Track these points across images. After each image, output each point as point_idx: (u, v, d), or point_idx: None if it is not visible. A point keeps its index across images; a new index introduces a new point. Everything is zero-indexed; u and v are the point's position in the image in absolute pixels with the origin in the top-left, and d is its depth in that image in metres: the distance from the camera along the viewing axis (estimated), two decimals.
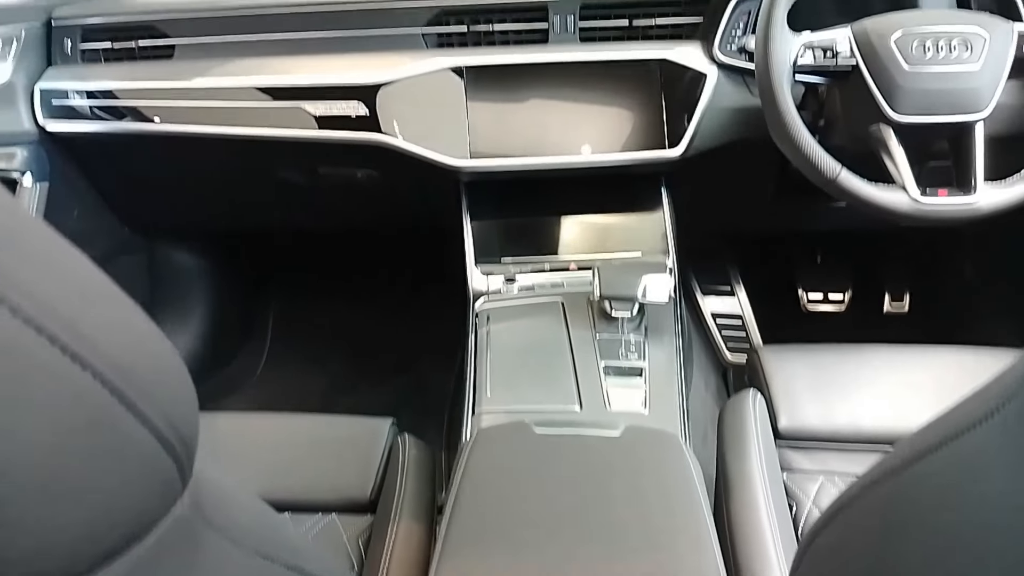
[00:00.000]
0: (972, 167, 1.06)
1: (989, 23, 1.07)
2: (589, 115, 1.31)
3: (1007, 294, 1.69)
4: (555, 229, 1.39)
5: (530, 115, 1.31)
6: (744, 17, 1.30)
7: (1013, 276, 1.65)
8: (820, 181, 1.09)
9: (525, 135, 1.30)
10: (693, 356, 1.73)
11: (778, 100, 1.08)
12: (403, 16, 1.33)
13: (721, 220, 1.70)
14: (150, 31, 1.34)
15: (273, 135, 1.30)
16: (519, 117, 1.31)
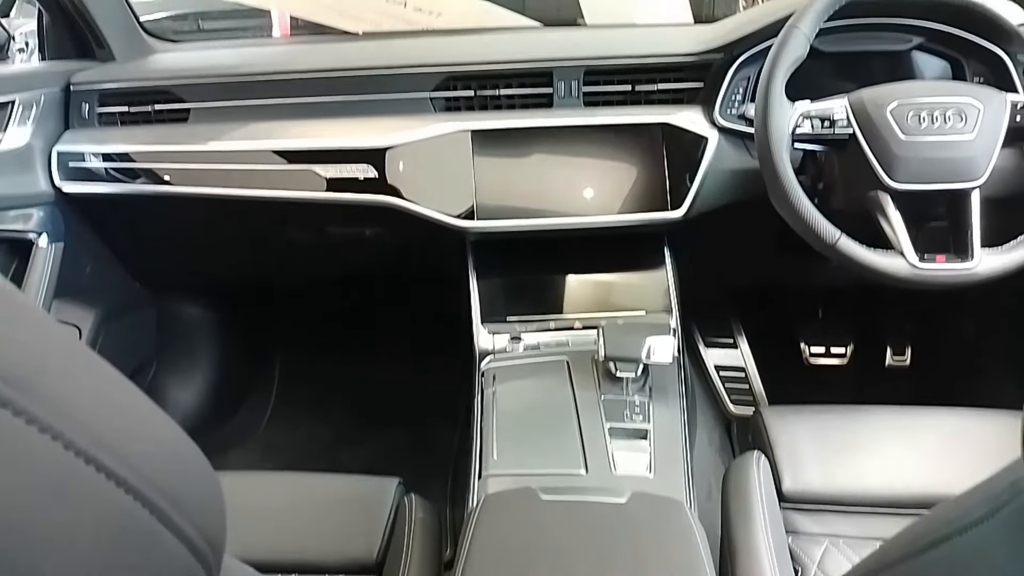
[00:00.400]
0: (969, 233, 1.08)
1: (982, 94, 1.11)
2: (594, 177, 1.34)
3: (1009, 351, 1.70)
4: (560, 287, 1.41)
5: (536, 177, 1.34)
6: (743, 83, 1.34)
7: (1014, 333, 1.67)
8: (819, 246, 1.11)
9: (531, 196, 1.33)
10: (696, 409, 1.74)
11: (778, 168, 1.10)
12: (412, 81, 1.36)
13: (723, 275, 1.72)
14: (166, 95, 1.37)
15: (284, 196, 1.33)
16: (525, 178, 1.34)
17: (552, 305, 1.36)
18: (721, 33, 1.36)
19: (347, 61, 1.39)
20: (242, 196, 1.33)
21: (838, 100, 1.14)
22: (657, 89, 1.36)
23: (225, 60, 1.46)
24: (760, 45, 1.31)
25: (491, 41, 1.54)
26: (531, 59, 1.36)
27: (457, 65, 1.36)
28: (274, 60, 1.45)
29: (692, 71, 1.35)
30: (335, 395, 1.92)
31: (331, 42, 1.64)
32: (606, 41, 1.48)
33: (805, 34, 1.11)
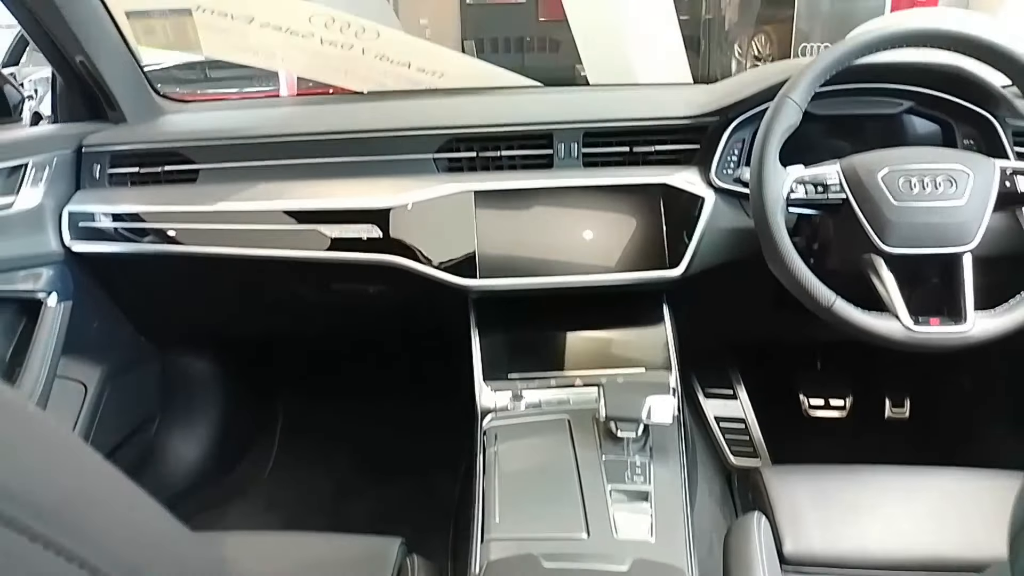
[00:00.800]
0: (962, 296, 1.10)
1: (972, 160, 1.14)
2: (593, 236, 1.37)
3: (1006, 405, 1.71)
4: (561, 343, 1.42)
5: (537, 236, 1.36)
6: (739, 144, 1.38)
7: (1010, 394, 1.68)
8: (815, 309, 1.13)
9: (532, 255, 1.35)
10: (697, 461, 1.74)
11: (773, 233, 1.13)
12: (415, 143, 1.40)
13: (722, 330, 1.74)
14: (176, 157, 1.41)
15: (290, 256, 1.35)
16: (526, 238, 1.36)
17: (553, 362, 1.38)
18: (716, 96, 1.39)
19: (352, 123, 1.43)
20: (249, 256, 1.36)
21: (831, 166, 1.17)
22: (655, 150, 1.40)
23: (233, 122, 1.50)
24: (754, 109, 1.35)
25: (492, 103, 1.58)
26: (531, 122, 1.40)
27: (459, 128, 1.40)
28: (281, 122, 1.48)
29: (688, 133, 1.39)
30: (337, 447, 1.93)
31: (337, 102, 1.68)
32: (604, 103, 1.52)
33: (797, 103, 1.15)
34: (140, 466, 1.66)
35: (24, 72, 6.16)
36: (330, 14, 1.51)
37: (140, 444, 1.62)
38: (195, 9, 1.41)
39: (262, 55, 1.57)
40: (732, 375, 1.89)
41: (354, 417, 1.97)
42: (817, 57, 1.16)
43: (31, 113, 5.17)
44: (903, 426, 1.82)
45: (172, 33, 1.44)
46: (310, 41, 1.55)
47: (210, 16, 1.44)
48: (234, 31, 1.49)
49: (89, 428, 1.41)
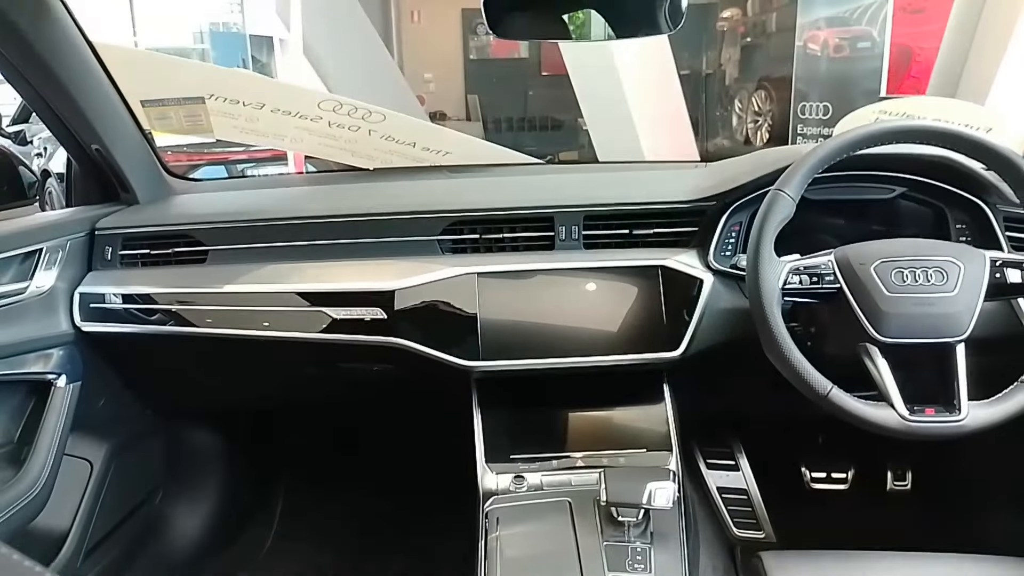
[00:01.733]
0: (956, 386, 1.12)
1: (962, 253, 1.17)
2: (594, 317, 1.39)
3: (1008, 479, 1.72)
4: (563, 423, 1.44)
5: (539, 317, 1.39)
6: (736, 227, 1.41)
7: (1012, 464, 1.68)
8: (812, 397, 1.15)
9: (534, 336, 1.37)
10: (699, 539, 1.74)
11: (769, 323, 1.15)
12: (420, 225, 1.44)
13: (723, 405, 1.75)
14: (186, 239, 1.44)
15: (296, 337, 1.38)
16: (528, 319, 1.39)
17: (555, 442, 1.39)
18: (714, 181, 1.43)
19: (359, 205, 1.46)
20: (256, 336, 1.38)
21: (825, 256, 1.20)
22: (654, 233, 1.43)
23: (241, 204, 1.54)
24: (751, 194, 1.38)
25: (496, 184, 1.62)
26: (533, 206, 1.44)
27: (463, 211, 1.43)
28: (287, 204, 1.52)
29: (687, 217, 1.42)
30: (338, 522, 1.93)
31: (344, 180, 1.72)
32: (604, 185, 1.55)
33: (791, 197, 1.18)
34: (143, 539, 1.67)
35: (33, 130, 6.29)
36: (338, 100, 1.56)
37: (144, 517, 1.63)
38: (208, 97, 1.46)
39: (272, 137, 1.62)
40: (734, 445, 1.89)
41: (356, 492, 1.97)
42: (810, 153, 1.20)
43: (40, 171, 5.27)
44: (905, 498, 1.82)
45: (185, 119, 1.49)
46: (318, 124, 1.60)
47: (223, 103, 1.49)
48: (244, 115, 1.54)
49: (94, 506, 1.42)
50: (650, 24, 1.16)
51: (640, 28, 1.17)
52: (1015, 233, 1.37)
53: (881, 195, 1.41)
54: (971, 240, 1.39)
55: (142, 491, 1.63)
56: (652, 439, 1.39)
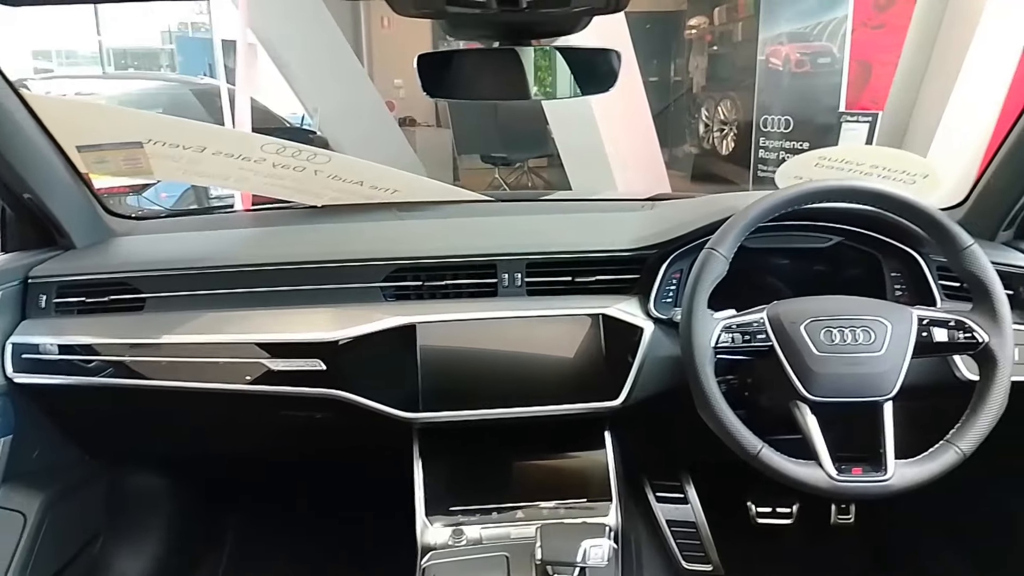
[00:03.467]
0: (883, 445, 1.13)
1: (890, 312, 1.18)
2: (536, 365, 1.40)
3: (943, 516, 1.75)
4: (503, 473, 1.44)
5: (480, 366, 1.39)
6: (677, 275, 1.42)
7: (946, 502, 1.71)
8: (743, 456, 1.17)
9: (475, 386, 1.37)
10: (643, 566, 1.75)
11: (702, 381, 1.16)
12: (363, 272, 1.43)
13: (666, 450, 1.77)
14: (123, 286, 1.42)
15: (234, 390, 1.36)
16: (470, 368, 1.39)
17: (495, 493, 1.39)
18: (657, 230, 1.44)
19: (301, 252, 1.45)
20: (195, 388, 1.36)
21: (758, 314, 1.21)
22: (595, 280, 1.44)
23: (182, 249, 1.51)
24: (691, 244, 1.39)
25: (441, 227, 1.62)
26: (476, 253, 1.43)
27: (406, 259, 1.43)
28: (230, 249, 1.50)
29: (628, 264, 1.43)
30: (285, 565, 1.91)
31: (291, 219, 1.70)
32: (549, 230, 1.56)
33: (724, 256, 1.19)
34: None
35: None
36: (281, 143, 1.54)
37: (84, 566, 1.60)
38: (146, 142, 1.44)
39: (216, 178, 1.61)
40: (683, 478, 1.91)
41: (301, 536, 1.95)
42: (744, 211, 1.21)
43: None
44: (849, 531, 1.84)
45: (123, 162, 1.47)
46: (262, 165, 1.58)
47: (162, 147, 1.47)
48: (186, 158, 1.52)
49: (28, 559, 1.39)
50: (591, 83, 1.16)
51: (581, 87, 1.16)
52: (948, 282, 1.40)
53: (818, 244, 1.43)
54: (905, 288, 1.42)
55: (81, 539, 1.60)
56: (593, 489, 1.40)
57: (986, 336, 1.15)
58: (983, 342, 1.15)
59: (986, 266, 1.17)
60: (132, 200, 3.86)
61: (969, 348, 1.17)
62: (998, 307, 1.15)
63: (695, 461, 1.90)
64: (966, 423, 1.14)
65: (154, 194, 4.06)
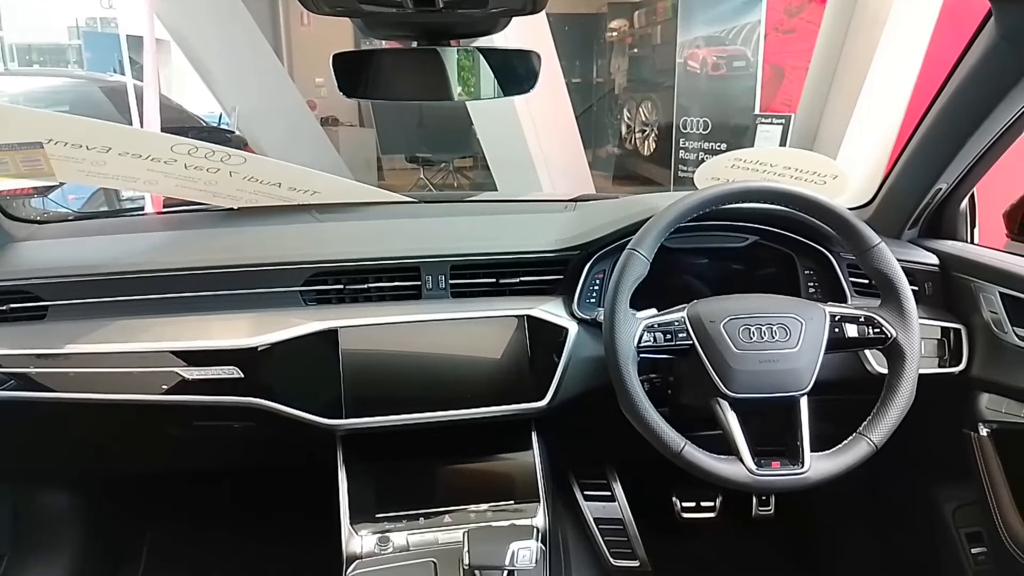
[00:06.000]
0: (799, 438, 1.17)
1: (804, 309, 1.22)
2: (461, 368, 1.38)
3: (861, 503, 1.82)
4: (430, 477, 1.42)
5: (404, 371, 1.37)
6: (600, 275, 1.43)
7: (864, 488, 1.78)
8: (666, 454, 1.18)
9: (400, 391, 1.35)
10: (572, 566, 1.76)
11: (625, 381, 1.17)
12: (281, 276, 1.39)
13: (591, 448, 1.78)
14: (22, 294, 1.34)
15: (146, 400, 1.31)
16: (394, 373, 1.37)
17: (422, 497, 1.37)
18: (579, 231, 1.45)
19: (216, 257, 1.40)
20: (102, 400, 1.30)
21: (678, 313, 1.23)
22: (520, 281, 1.43)
23: (87, 254, 1.43)
24: (612, 244, 1.41)
25: (362, 229, 1.59)
26: (399, 256, 1.41)
27: (326, 261, 1.39)
28: (138, 253, 1.43)
29: (552, 266, 1.44)
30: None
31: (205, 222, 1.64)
32: (473, 232, 1.55)
33: (644, 256, 1.21)
34: None
35: None
36: (193, 143, 1.48)
37: None
38: (46, 142, 1.36)
39: (123, 180, 1.53)
40: (610, 476, 1.93)
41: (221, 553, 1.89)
42: (662, 213, 1.23)
43: None
44: (769, 523, 1.89)
45: (22, 164, 1.38)
46: (173, 166, 1.52)
47: (63, 148, 1.39)
48: (89, 159, 1.44)
49: None
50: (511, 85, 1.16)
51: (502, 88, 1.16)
52: (858, 279, 1.45)
53: (735, 243, 1.47)
54: (818, 285, 1.47)
55: None
56: (520, 490, 1.40)
57: (894, 331, 1.20)
58: (891, 337, 1.20)
59: (892, 264, 1.22)
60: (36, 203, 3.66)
61: (878, 343, 1.22)
62: (905, 303, 1.20)
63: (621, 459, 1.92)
64: (877, 415, 1.19)
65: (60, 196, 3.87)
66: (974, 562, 1.52)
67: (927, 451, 1.51)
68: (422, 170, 7.86)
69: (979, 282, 1.39)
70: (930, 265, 1.48)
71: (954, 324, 1.43)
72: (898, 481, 1.69)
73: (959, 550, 1.55)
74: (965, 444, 1.47)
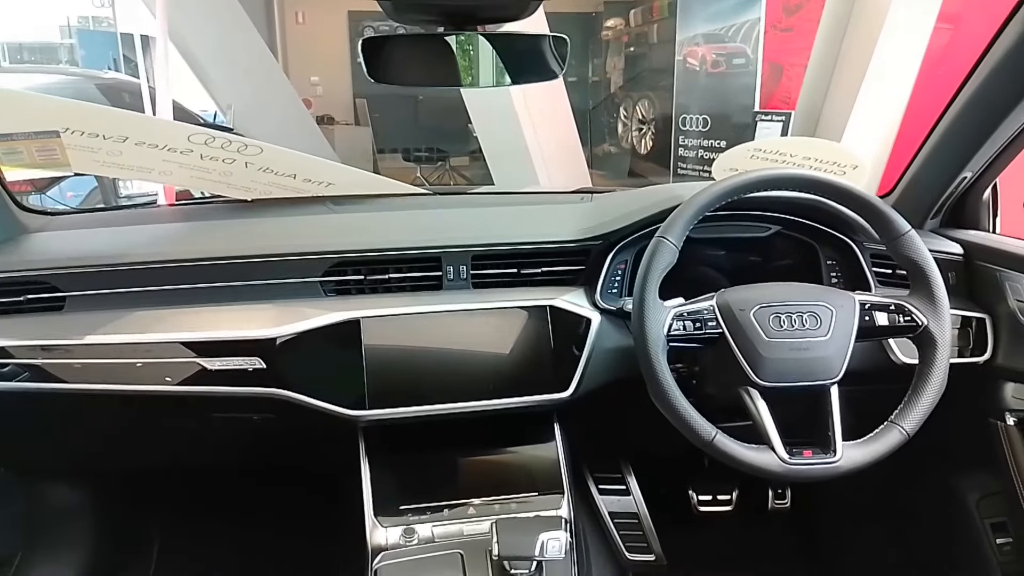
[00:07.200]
0: (831, 427, 1.16)
1: (834, 297, 1.21)
2: (483, 359, 1.37)
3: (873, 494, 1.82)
4: (453, 469, 1.41)
5: (427, 361, 1.36)
6: (622, 266, 1.42)
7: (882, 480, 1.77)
8: (697, 443, 1.17)
9: (422, 382, 1.34)
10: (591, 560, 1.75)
11: (656, 369, 1.16)
12: (301, 266, 1.37)
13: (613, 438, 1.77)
14: (40, 285, 1.32)
15: (168, 391, 1.29)
16: (416, 364, 1.35)
17: (445, 490, 1.36)
18: (600, 221, 1.44)
19: (235, 246, 1.38)
20: (122, 391, 1.28)
21: (707, 301, 1.22)
22: (542, 271, 1.42)
23: (102, 244, 1.41)
24: (635, 234, 1.40)
25: (381, 220, 1.57)
26: (420, 246, 1.40)
27: (347, 252, 1.38)
28: (156, 244, 1.41)
29: (574, 255, 1.43)
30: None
31: (219, 215, 1.63)
32: (493, 222, 1.54)
33: (673, 244, 1.20)
34: None
35: None
36: (210, 133, 1.47)
37: None
38: (63, 131, 1.35)
39: (138, 170, 1.51)
40: (625, 470, 1.92)
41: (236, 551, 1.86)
42: (691, 200, 1.22)
43: None
44: (785, 516, 1.89)
45: (38, 153, 1.37)
46: (189, 156, 1.50)
47: (80, 137, 1.37)
48: (106, 149, 1.43)
49: None
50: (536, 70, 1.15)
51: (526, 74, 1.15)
52: (881, 269, 1.45)
53: (759, 233, 1.46)
54: (841, 275, 1.46)
55: None
56: (544, 481, 1.38)
57: (925, 319, 1.19)
58: (923, 325, 1.19)
59: (923, 251, 1.21)
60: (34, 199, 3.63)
61: (909, 331, 1.21)
62: (936, 291, 1.20)
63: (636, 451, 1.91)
64: (909, 403, 1.18)
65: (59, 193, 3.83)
66: (999, 552, 1.52)
67: (950, 441, 1.51)
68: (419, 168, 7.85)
69: (1005, 271, 1.39)
70: (953, 254, 1.47)
71: (978, 313, 1.43)
72: (919, 471, 1.69)
73: (983, 540, 1.55)
74: (990, 434, 1.46)
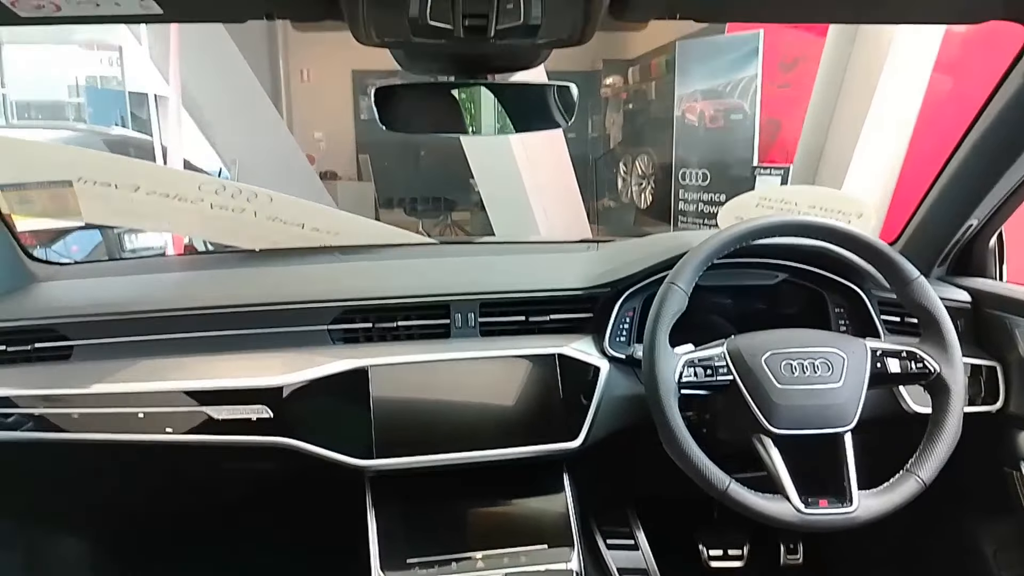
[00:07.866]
0: (846, 477, 1.14)
1: (845, 344, 1.21)
2: (492, 408, 1.36)
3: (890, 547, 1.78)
4: (461, 519, 1.39)
5: (435, 410, 1.34)
6: (630, 313, 1.42)
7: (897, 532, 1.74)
8: (710, 492, 1.15)
9: (429, 431, 1.32)
10: None
11: (668, 418, 1.15)
12: (309, 315, 1.37)
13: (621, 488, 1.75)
14: (47, 333, 1.32)
15: (174, 441, 1.27)
16: (424, 412, 1.34)
17: (453, 542, 1.33)
18: (607, 268, 1.44)
19: (242, 295, 1.38)
20: (128, 441, 1.27)
21: (718, 348, 1.21)
22: (550, 320, 1.42)
23: (110, 294, 1.42)
24: (643, 282, 1.40)
25: (388, 268, 1.58)
26: (428, 293, 1.40)
27: (354, 300, 1.38)
28: (163, 293, 1.42)
29: (581, 303, 1.43)
30: None
31: (227, 264, 1.63)
32: (500, 271, 1.54)
33: (683, 290, 1.20)
34: None
35: None
36: (221, 182, 1.49)
37: None
38: (76, 180, 1.36)
39: (148, 219, 1.53)
40: (632, 522, 1.88)
41: None
42: (700, 246, 1.23)
43: None
44: (798, 572, 1.85)
45: (50, 203, 1.38)
46: (199, 205, 1.52)
47: (92, 187, 1.39)
48: (118, 198, 1.44)
49: None
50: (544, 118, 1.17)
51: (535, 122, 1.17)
52: (889, 317, 1.45)
53: (766, 280, 1.46)
54: (849, 323, 1.46)
55: None
56: (552, 533, 1.36)
57: (937, 366, 1.19)
58: (935, 371, 1.18)
59: (933, 298, 1.21)
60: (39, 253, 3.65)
61: (922, 377, 1.20)
62: (948, 337, 1.19)
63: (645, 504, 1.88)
64: (924, 452, 1.16)
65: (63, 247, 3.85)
66: None
67: (965, 491, 1.49)
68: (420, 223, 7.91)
69: (1015, 318, 1.39)
70: (962, 302, 1.47)
71: (989, 361, 1.42)
72: (936, 521, 1.66)
73: None
74: (1006, 483, 1.44)
